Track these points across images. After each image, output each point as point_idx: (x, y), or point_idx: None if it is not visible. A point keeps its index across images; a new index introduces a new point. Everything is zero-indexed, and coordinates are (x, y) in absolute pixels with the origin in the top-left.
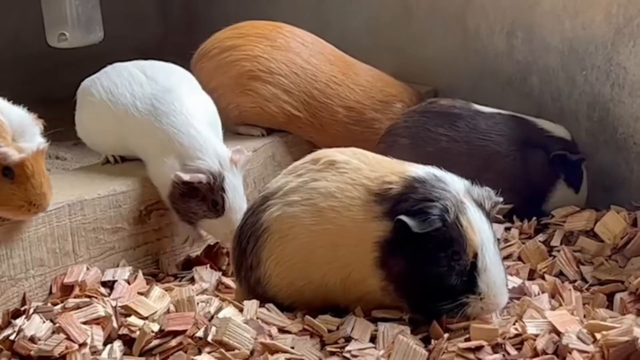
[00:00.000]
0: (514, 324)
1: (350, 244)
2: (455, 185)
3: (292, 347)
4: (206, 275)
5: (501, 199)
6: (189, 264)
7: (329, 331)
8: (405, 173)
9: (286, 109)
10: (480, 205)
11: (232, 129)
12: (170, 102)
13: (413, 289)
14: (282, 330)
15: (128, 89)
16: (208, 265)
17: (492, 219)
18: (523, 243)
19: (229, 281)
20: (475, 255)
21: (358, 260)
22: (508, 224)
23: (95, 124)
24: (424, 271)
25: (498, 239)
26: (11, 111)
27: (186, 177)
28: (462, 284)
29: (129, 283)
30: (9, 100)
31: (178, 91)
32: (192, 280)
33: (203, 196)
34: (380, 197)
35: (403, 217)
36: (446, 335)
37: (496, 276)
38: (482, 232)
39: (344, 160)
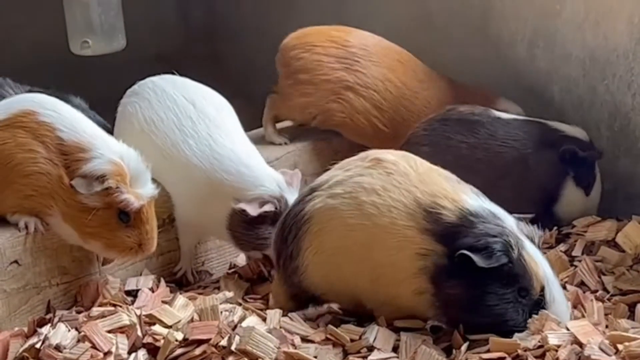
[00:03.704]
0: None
1: (385, 247)
2: (508, 221)
3: (315, 357)
4: (232, 284)
5: (542, 233)
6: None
7: (352, 340)
8: (459, 202)
9: (374, 123)
10: (531, 240)
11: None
12: (229, 148)
13: (470, 321)
14: (305, 340)
15: (176, 123)
16: (237, 276)
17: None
18: (544, 253)
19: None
20: (542, 289)
21: (391, 265)
22: None
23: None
24: (487, 308)
25: None
26: (130, 157)
27: (255, 212)
28: (527, 322)
29: (152, 291)
30: None
31: (234, 133)
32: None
33: (271, 221)
34: (430, 215)
35: (467, 252)
36: (466, 344)
37: (563, 306)
38: (544, 265)
39: (392, 160)
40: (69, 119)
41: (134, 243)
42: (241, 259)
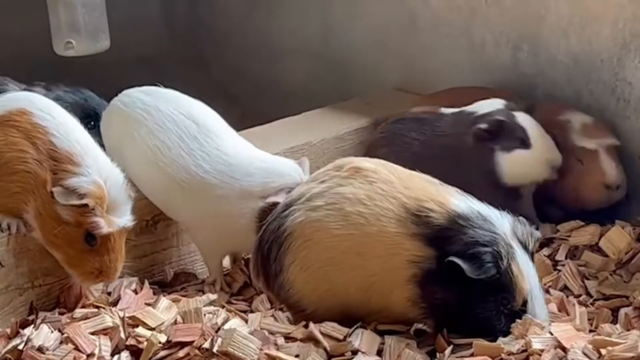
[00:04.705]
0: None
1: (376, 255)
2: (502, 226)
3: (297, 356)
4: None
5: (540, 235)
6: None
7: (337, 340)
8: (446, 205)
9: None
10: (525, 246)
11: None
12: (243, 155)
13: (455, 324)
14: (287, 338)
15: (184, 148)
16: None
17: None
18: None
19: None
20: (525, 303)
21: (384, 272)
22: None
23: (135, 170)
24: (471, 312)
25: None
26: (113, 183)
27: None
28: (509, 329)
29: (136, 293)
30: None
31: (236, 138)
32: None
33: None
34: (418, 219)
35: (457, 260)
36: (449, 348)
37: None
38: (530, 279)
39: (372, 169)
40: (63, 124)
41: (94, 268)
42: (226, 262)
